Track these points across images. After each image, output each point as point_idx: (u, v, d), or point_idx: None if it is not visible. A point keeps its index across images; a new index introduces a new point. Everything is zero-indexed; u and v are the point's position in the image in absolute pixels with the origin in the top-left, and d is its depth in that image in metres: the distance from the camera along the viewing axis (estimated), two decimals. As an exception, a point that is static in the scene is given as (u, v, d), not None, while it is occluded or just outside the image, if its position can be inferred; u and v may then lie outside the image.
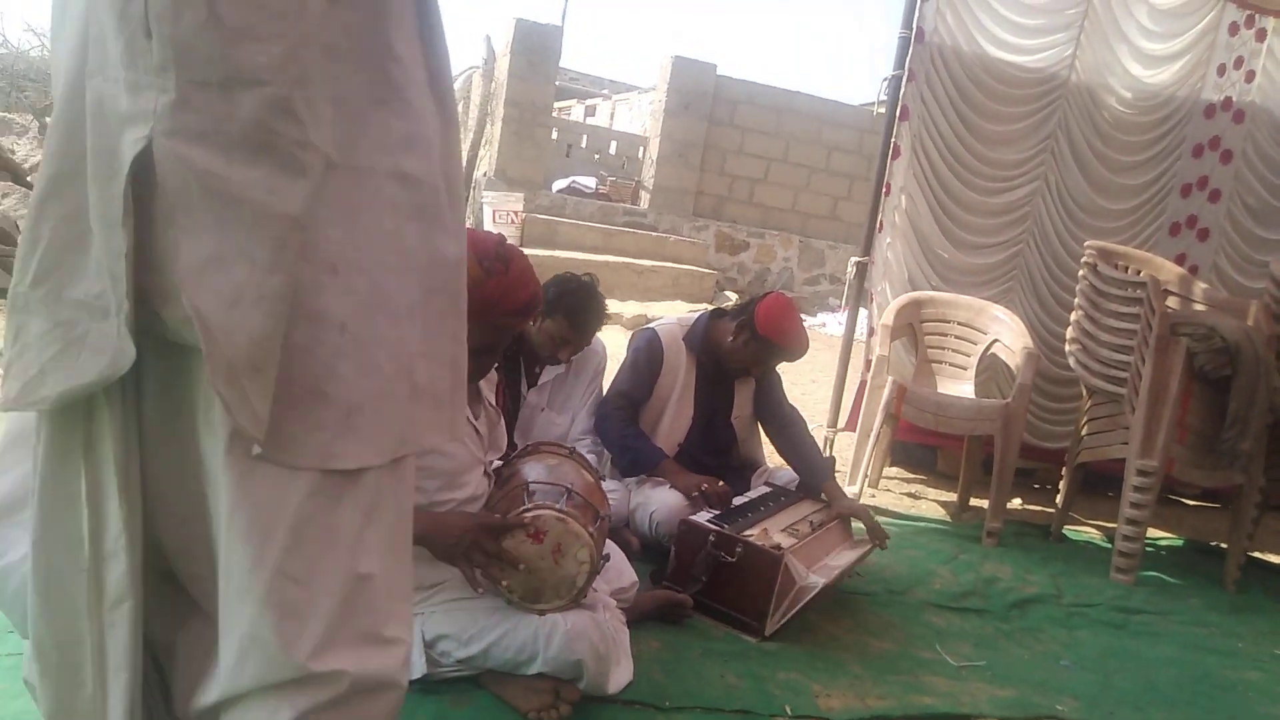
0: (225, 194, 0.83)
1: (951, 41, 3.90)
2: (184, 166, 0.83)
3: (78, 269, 0.90)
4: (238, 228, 0.84)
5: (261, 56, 0.82)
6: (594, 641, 1.80)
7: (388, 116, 0.92)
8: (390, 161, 0.92)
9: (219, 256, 0.84)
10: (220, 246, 0.84)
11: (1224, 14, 4.07)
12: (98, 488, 0.94)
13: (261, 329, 0.85)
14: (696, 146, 9.78)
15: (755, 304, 2.83)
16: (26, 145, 6.34)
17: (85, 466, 0.94)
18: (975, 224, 4.13)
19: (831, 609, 2.64)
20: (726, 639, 2.35)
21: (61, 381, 0.89)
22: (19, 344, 0.92)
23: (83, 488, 0.94)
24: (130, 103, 0.83)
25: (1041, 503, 4.24)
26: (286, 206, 0.85)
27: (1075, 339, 3.59)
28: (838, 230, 10.32)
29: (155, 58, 0.81)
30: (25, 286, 0.91)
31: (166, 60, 0.81)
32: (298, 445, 0.90)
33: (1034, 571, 3.28)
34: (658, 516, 2.67)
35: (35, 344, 0.91)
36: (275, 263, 0.85)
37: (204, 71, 0.81)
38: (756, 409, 3.06)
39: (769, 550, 2.37)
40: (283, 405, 0.88)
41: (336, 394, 0.91)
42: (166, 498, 1.00)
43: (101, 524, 0.95)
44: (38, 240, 0.90)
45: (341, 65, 0.88)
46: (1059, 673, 2.52)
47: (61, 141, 0.89)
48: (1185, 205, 4.28)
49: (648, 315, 7.46)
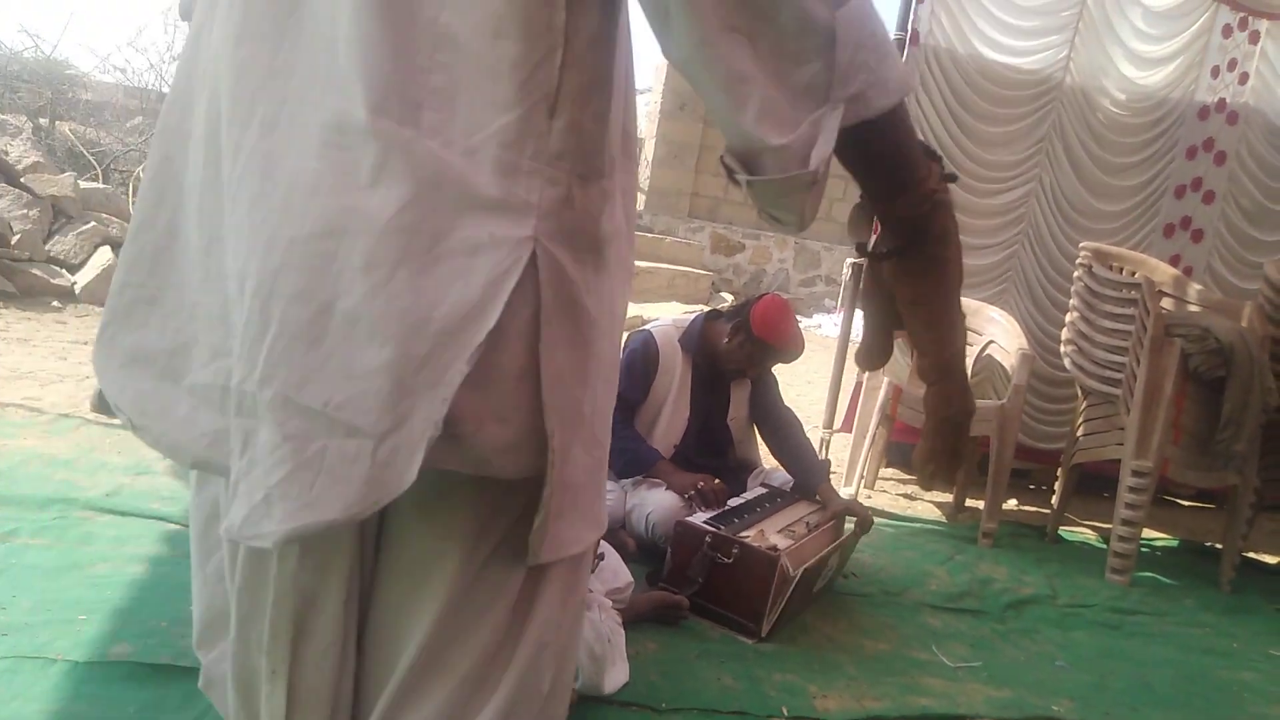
0: (581, 305, 0.74)
1: (946, 44, 3.91)
2: (557, 273, 0.71)
3: (315, 367, 0.68)
4: (587, 341, 0.76)
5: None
6: (589, 643, 1.80)
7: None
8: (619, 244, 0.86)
9: (562, 374, 0.74)
10: (568, 362, 0.74)
11: (1217, 16, 4.08)
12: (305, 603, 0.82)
13: (587, 455, 0.79)
14: (692, 148, 9.79)
15: (751, 305, 2.83)
16: (20, 146, 6.31)
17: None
18: (970, 225, 4.13)
19: (828, 610, 2.64)
20: (723, 640, 2.35)
21: (291, 517, 0.69)
22: (245, 457, 0.72)
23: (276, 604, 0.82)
24: (499, 187, 0.68)
25: (1037, 504, 4.24)
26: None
27: (1070, 340, 3.60)
28: (833, 231, 10.33)
29: (553, 143, 0.70)
30: (253, 384, 0.70)
31: (568, 148, 0.71)
32: (547, 540, 0.80)
33: (1029, 572, 3.29)
34: (654, 518, 2.67)
35: (263, 460, 0.70)
36: (593, 372, 0.78)
37: (589, 164, 0.72)
38: (752, 410, 3.06)
39: (765, 551, 2.37)
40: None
41: (571, 477, 0.79)
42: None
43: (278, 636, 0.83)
44: (267, 323, 0.69)
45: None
46: (1054, 674, 2.52)
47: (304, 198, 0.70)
48: (1179, 206, 4.29)
49: (643, 317, 7.45)
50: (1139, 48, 4.08)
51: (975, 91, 3.99)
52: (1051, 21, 4.00)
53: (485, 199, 0.68)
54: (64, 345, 4.38)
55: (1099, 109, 4.12)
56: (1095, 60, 4.06)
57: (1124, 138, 4.17)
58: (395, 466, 0.67)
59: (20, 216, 5.45)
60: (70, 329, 4.70)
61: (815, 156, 0.72)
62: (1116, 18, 4.03)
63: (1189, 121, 4.20)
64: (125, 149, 8.11)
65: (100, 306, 5.20)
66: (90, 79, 9.40)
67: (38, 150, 6.48)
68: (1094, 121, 4.12)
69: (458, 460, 0.72)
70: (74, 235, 5.64)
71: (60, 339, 4.48)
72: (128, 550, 2.31)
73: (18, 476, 2.67)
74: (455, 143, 0.68)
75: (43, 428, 3.15)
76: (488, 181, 0.68)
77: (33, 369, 3.92)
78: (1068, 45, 4.01)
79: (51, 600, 2.00)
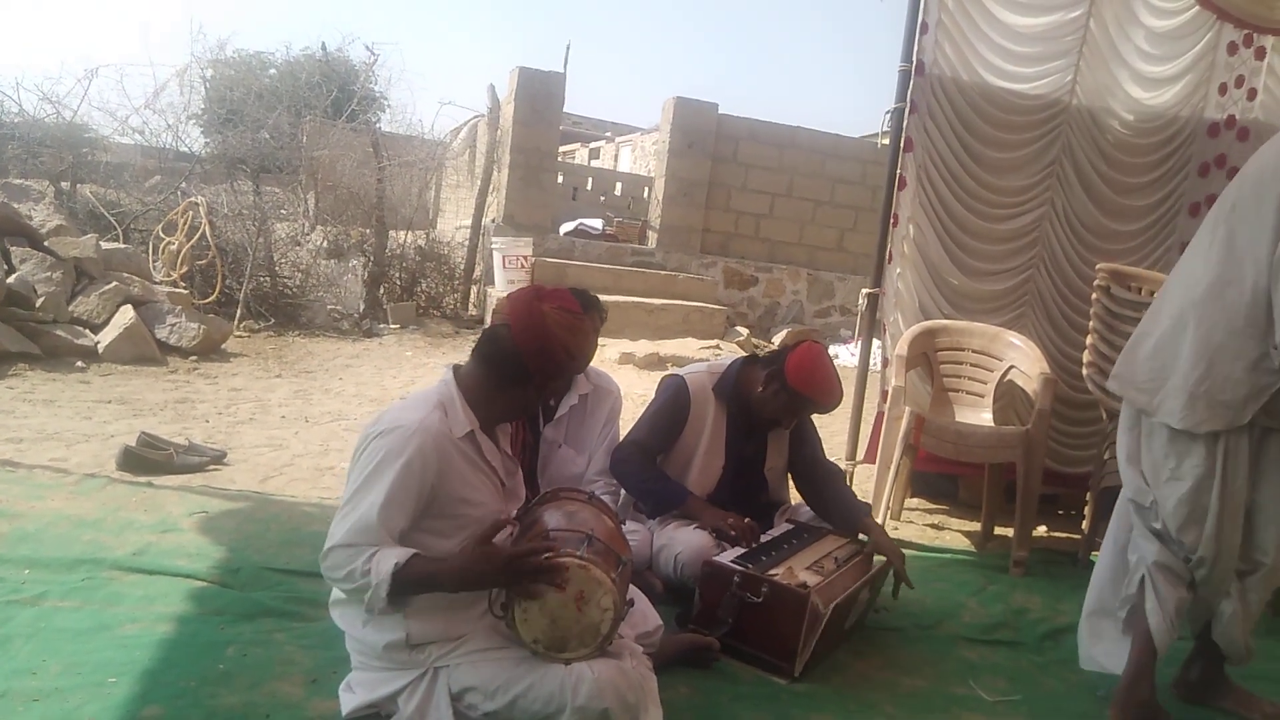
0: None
1: (951, 73, 3.94)
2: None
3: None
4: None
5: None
6: (621, 690, 1.78)
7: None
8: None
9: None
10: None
11: (1221, 34, 4.09)
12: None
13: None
14: (701, 184, 9.86)
15: (787, 353, 2.75)
16: (44, 210, 6.43)
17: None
18: (984, 251, 4.13)
19: (860, 646, 2.60)
20: (756, 681, 2.31)
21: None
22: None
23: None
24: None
25: (1067, 529, 4.17)
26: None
27: (1092, 362, 3.56)
28: (845, 262, 10.35)
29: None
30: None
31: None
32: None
33: (1064, 600, 3.22)
34: (683, 558, 2.64)
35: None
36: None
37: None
38: (791, 461, 2.98)
39: (795, 589, 2.34)
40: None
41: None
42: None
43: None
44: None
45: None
46: (1097, 705, 2.46)
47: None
48: (1194, 224, 4.24)
49: (659, 354, 7.46)
50: (1144, 68, 4.10)
51: (983, 118, 4.00)
52: (1055, 47, 4.02)
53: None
54: (88, 405, 4.43)
55: (1108, 130, 4.13)
56: (1101, 82, 4.07)
57: (1134, 158, 4.16)
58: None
59: (44, 279, 5.54)
60: (94, 389, 4.76)
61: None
62: (1120, 40, 4.05)
63: (1200, 139, 4.19)
64: (145, 209, 8.26)
65: (123, 365, 5.29)
66: (109, 141, 9.61)
67: (60, 213, 6.61)
68: (1103, 143, 4.13)
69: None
70: (96, 295, 5.73)
71: (84, 399, 4.53)
72: (156, 609, 2.31)
73: (46, 538, 2.68)
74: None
75: (69, 488, 3.18)
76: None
77: (58, 430, 3.96)
78: (1073, 69, 4.02)
79: (81, 663, 2.00)
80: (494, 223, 9.30)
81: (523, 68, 9.27)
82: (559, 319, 1.91)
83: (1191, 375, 2.11)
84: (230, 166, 9.30)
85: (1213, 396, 2.09)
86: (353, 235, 8.96)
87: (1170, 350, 2.18)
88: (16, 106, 8.95)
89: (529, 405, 2.05)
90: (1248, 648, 2.31)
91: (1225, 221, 2.14)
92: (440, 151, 10.54)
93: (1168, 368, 2.17)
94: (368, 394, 5.55)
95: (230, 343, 6.43)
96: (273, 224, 8.19)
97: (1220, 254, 2.13)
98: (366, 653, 1.89)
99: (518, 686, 1.78)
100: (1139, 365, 2.27)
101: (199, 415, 4.54)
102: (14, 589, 2.32)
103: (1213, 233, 2.17)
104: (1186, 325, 2.15)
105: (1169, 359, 2.17)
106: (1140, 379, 2.25)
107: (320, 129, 9.77)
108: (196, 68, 9.98)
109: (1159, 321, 2.26)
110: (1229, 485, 2.13)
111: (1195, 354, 2.12)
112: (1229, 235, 2.12)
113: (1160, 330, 2.24)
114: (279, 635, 2.25)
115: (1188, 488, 2.15)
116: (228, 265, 7.42)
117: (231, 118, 9.77)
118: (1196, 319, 2.13)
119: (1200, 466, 2.13)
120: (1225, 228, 2.14)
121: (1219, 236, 2.14)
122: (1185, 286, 2.20)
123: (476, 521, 1.86)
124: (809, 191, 10.21)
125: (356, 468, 1.82)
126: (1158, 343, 2.23)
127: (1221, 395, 2.08)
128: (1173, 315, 2.20)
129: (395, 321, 8.00)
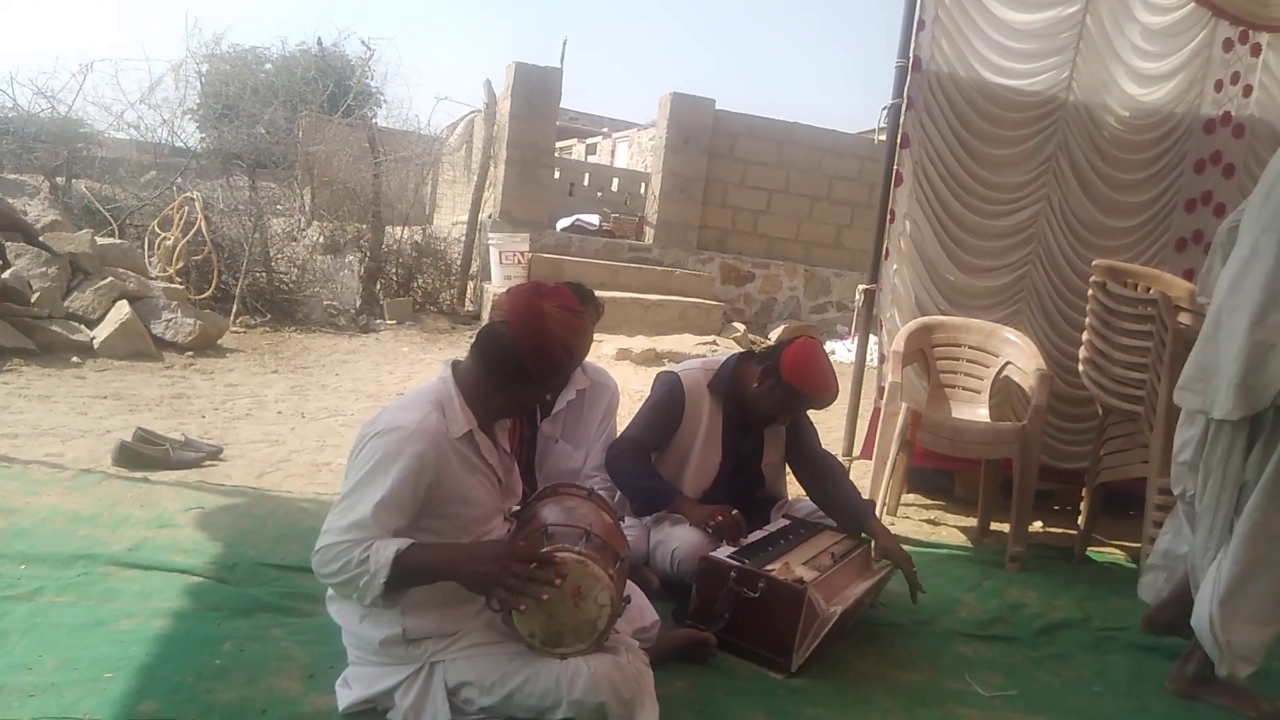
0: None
1: (948, 69, 3.94)
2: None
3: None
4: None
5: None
6: (617, 685, 1.78)
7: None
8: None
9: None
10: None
11: (1217, 31, 4.10)
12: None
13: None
14: (698, 180, 9.85)
15: (782, 349, 2.74)
16: (38, 205, 6.42)
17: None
18: (981, 247, 4.13)
19: (857, 642, 2.60)
20: (753, 677, 2.32)
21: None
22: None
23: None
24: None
25: (1063, 524, 4.19)
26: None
27: (1088, 358, 3.57)
28: (842, 258, 10.35)
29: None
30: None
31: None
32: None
33: (1060, 595, 3.23)
34: (679, 554, 2.64)
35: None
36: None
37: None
38: (789, 455, 2.98)
39: (791, 584, 2.35)
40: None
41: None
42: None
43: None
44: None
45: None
46: (1093, 700, 2.47)
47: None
48: (1190, 220, 4.28)
49: (656, 349, 7.46)
50: (1140, 65, 4.10)
51: (979, 114, 4.01)
52: (1051, 43, 4.02)
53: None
54: (84, 400, 4.41)
55: (1104, 127, 4.13)
56: (1097, 79, 4.08)
57: (1130, 154, 4.17)
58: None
59: (39, 275, 5.53)
60: (90, 384, 4.74)
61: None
62: (1116, 37, 4.05)
63: (1195, 135, 4.20)
64: (140, 204, 8.24)
65: (118, 360, 5.27)
66: (104, 136, 9.57)
67: (55, 209, 6.60)
68: (1099, 139, 4.13)
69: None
70: (92, 291, 5.72)
71: (80, 394, 4.52)
72: (151, 605, 2.31)
73: (41, 534, 2.68)
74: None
75: (65, 484, 3.17)
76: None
77: (54, 425, 3.95)
78: (1069, 65, 4.03)
79: (77, 658, 2.00)
80: (490, 218, 9.29)
81: (519, 63, 9.25)
82: (559, 317, 1.90)
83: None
84: (226, 162, 9.25)
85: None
86: (349, 231, 8.93)
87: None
88: (11, 101, 8.88)
89: (527, 403, 2.06)
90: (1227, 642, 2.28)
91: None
92: (436, 147, 10.51)
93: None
94: (364, 389, 5.55)
95: (226, 338, 6.42)
96: (269, 219, 8.16)
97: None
98: (363, 648, 1.89)
99: (514, 681, 1.79)
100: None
101: (195, 411, 4.53)
102: (10, 584, 2.32)
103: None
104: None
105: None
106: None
107: (316, 124, 9.73)
108: (192, 62, 9.92)
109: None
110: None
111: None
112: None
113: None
114: (275, 630, 2.25)
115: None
116: (224, 261, 7.40)
117: (227, 113, 9.72)
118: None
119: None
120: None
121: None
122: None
123: (474, 521, 1.87)
124: (806, 187, 10.21)
125: (354, 467, 1.82)
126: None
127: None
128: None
129: (392, 317, 8.00)
